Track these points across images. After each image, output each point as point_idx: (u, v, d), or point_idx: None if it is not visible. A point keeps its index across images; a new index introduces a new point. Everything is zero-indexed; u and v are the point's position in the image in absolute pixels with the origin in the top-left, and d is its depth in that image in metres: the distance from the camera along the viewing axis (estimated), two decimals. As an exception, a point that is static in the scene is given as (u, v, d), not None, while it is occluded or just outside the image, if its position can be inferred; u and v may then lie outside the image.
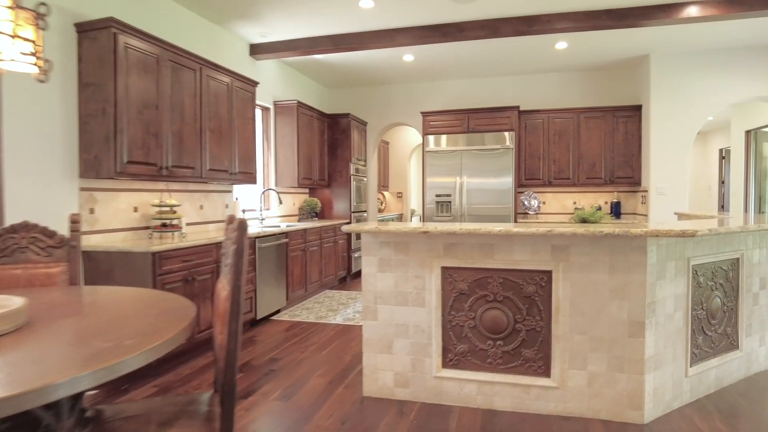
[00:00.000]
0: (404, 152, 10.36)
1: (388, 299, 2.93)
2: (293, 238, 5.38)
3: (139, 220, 4.01)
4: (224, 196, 5.14)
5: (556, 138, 6.78)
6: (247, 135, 4.98)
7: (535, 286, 2.72)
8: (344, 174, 7.09)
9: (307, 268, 5.71)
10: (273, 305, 4.94)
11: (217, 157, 4.49)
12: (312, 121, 6.59)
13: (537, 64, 6.65)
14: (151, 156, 3.69)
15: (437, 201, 6.76)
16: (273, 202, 6.23)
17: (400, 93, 7.69)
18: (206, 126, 4.33)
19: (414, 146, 10.28)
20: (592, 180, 6.69)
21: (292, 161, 6.18)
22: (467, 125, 6.70)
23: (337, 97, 7.99)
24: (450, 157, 6.71)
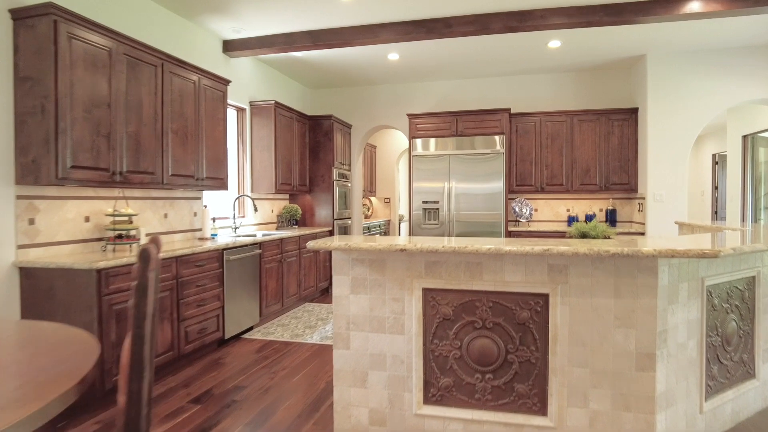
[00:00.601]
0: (392, 156, 10.01)
1: (362, 325, 2.57)
2: (268, 248, 4.99)
3: (92, 231, 3.61)
4: (192, 204, 4.75)
5: (549, 142, 6.47)
6: (216, 137, 4.60)
7: (529, 312, 2.37)
8: (327, 179, 6.72)
9: (283, 281, 5.32)
10: (244, 322, 4.55)
11: (182, 162, 4.10)
12: (291, 123, 6.22)
13: (529, 64, 6.33)
14: (102, 160, 3.29)
15: (424, 208, 6.41)
16: (249, 209, 5.85)
17: (386, 94, 7.35)
18: (168, 127, 3.95)
19: (402, 150, 9.94)
20: (586, 186, 6.38)
21: (269, 165, 5.80)
22: (456, 128, 6.36)
23: (320, 98, 7.63)
24: (438, 161, 6.36)
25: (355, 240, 2.50)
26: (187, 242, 4.33)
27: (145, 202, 4.13)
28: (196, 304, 3.82)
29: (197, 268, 3.84)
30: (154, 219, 4.22)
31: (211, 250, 3.99)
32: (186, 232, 4.65)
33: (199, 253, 3.84)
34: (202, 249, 3.87)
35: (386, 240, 2.50)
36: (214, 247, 4.01)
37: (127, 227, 3.61)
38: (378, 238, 2.59)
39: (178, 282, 3.62)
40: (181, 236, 4.57)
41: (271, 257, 5.06)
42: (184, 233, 4.62)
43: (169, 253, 3.51)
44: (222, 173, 4.68)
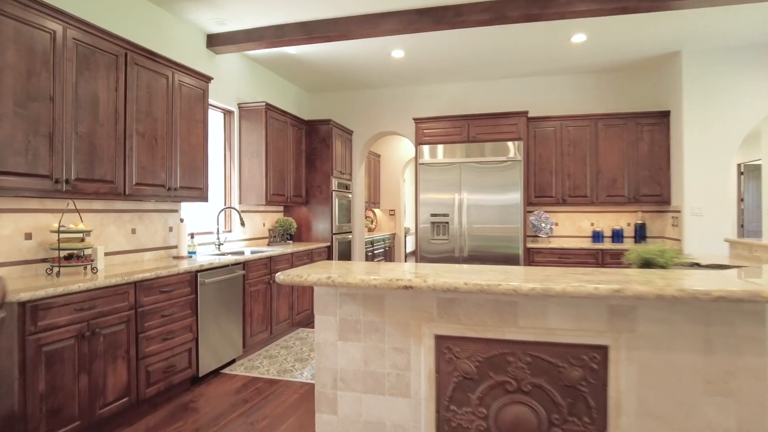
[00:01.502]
0: (397, 166, 9.40)
1: (353, 383, 1.93)
2: (253, 268, 4.36)
3: (35, 251, 3.00)
4: (167, 217, 4.14)
5: (571, 149, 5.83)
6: (194, 142, 4.00)
7: (581, 370, 1.73)
8: (325, 189, 6.11)
9: (272, 305, 4.69)
10: (224, 355, 3.91)
11: (149, 169, 3.50)
12: (285, 128, 5.63)
13: (548, 63, 5.72)
14: (41, 165, 2.69)
15: (433, 221, 5.77)
16: (236, 223, 5.23)
17: (390, 98, 6.75)
18: (133, 129, 3.35)
19: (408, 159, 9.34)
20: (612, 198, 5.73)
21: (259, 174, 5.20)
22: (467, 134, 5.75)
23: (318, 102, 7.05)
24: (447, 170, 5.74)
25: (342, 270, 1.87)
26: (160, 261, 3.72)
27: (107, 216, 3.53)
28: (161, 337, 3.19)
29: (163, 294, 3.22)
30: (118, 235, 3.62)
31: (180, 272, 3.36)
32: (159, 249, 4.03)
33: (165, 277, 3.22)
34: (169, 272, 3.25)
35: (385, 271, 1.87)
36: (184, 269, 3.39)
37: (79, 246, 2.99)
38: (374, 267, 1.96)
39: (137, 312, 2.99)
40: (152, 255, 3.96)
41: (258, 278, 4.43)
42: (156, 251, 4.01)
43: (125, 277, 2.89)
44: (200, 182, 4.07)
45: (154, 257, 3.98)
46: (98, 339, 2.71)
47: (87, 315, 2.64)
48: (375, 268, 1.93)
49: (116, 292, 2.83)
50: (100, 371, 2.73)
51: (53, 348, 2.45)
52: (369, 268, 1.93)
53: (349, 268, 1.94)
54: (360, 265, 2.05)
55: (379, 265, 2.02)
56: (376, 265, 2.02)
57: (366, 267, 1.97)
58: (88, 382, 2.65)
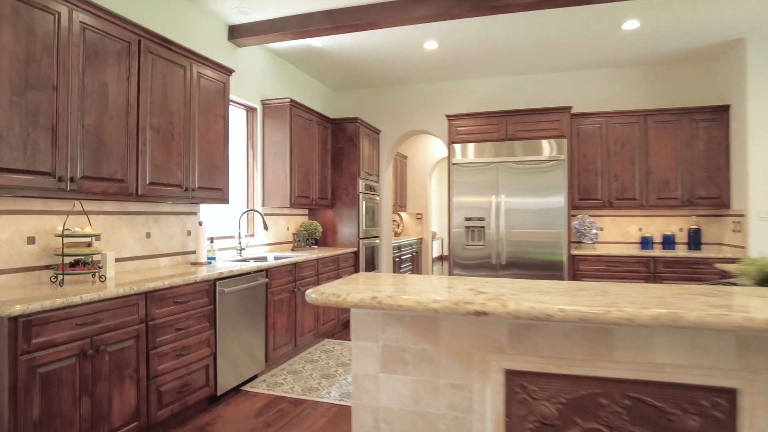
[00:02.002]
0: (425, 167, 9.02)
1: (399, 425, 1.56)
2: (277, 276, 4.03)
3: (39, 257, 2.72)
4: (185, 220, 3.85)
5: (618, 148, 5.37)
6: (213, 138, 3.70)
7: (700, 420, 1.32)
8: (351, 191, 5.77)
9: (297, 315, 4.35)
10: (245, 371, 3.58)
11: (164, 167, 3.20)
12: (310, 126, 5.31)
13: (593, 55, 5.28)
14: (42, 161, 2.41)
15: (467, 225, 5.37)
16: (259, 226, 4.93)
17: (420, 94, 6.38)
18: (146, 123, 3.06)
19: (437, 160, 8.95)
20: (663, 201, 5.24)
21: (283, 175, 4.89)
22: (505, 131, 5.34)
23: (344, 100, 6.73)
24: (483, 170, 5.34)
25: (388, 287, 1.50)
26: (176, 268, 3.41)
27: (118, 218, 3.24)
28: (174, 353, 2.87)
29: (178, 305, 2.90)
30: (131, 239, 3.33)
31: (197, 281, 3.05)
32: (175, 255, 3.74)
33: (179, 286, 2.91)
34: (184, 281, 2.93)
35: (443, 288, 1.50)
36: (201, 278, 3.07)
37: (85, 252, 2.70)
38: (425, 283, 1.59)
39: (149, 326, 2.68)
40: (168, 261, 3.66)
41: (281, 287, 4.10)
42: (173, 257, 3.71)
43: (135, 287, 2.58)
44: (220, 182, 3.77)
45: (171, 263, 3.69)
46: (103, 357, 2.39)
47: (90, 330, 2.33)
48: (426, 283, 1.56)
49: (124, 304, 2.52)
50: (105, 393, 2.41)
51: (50, 369, 2.14)
52: (418, 283, 1.56)
53: (396, 283, 1.57)
54: (406, 279, 1.68)
55: (429, 279, 1.65)
56: (426, 280, 1.66)
57: (414, 282, 1.60)
58: (91, 407, 2.34)
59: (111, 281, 2.75)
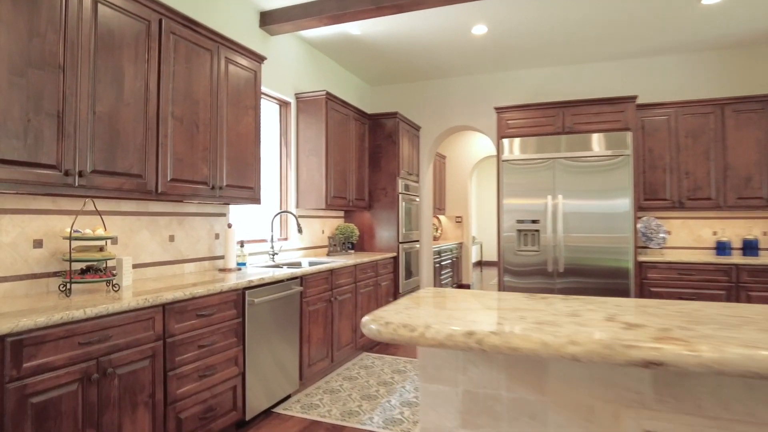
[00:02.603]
0: (465, 167, 8.54)
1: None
2: (312, 283, 3.64)
3: (47, 262, 2.40)
4: (212, 222, 3.51)
5: (689, 141, 4.77)
6: (243, 131, 3.35)
7: None
8: (390, 192, 5.35)
9: (333, 327, 3.95)
10: (277, 391, 3.20)
11: (188, 162, 2.85)
12: (347, 122, 4.92)
13: (664, 38, 4.71)
14: (46, 151, 2.08)
15: (520, 229, 4.87)
16: (292, 229, 4.56)
17: (465, 87, 5.92)
18: (168, 112, 2.72)
19: (478, 160, 8.45)
20: (745, 201, 4.62)
21: (318, 174, 4.51)
22: (561, 124, 4.82)
23: (381, 96, 6.33)
24: (537, 168, 4.83)
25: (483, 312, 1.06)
26: (203, 275, 3.06)
27: (138, 220, 2.91)
28: (197, 374, 2.50)
29: (201, 318, 2.53)
30: (152, 243, 2.99)
31: (224, 291, 2.67)
32: (202, 260, 3.40)
33: (202, 297, 2.54)
34: (208, 291, 2.56)
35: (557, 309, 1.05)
36: (228, 287, 2.70)
37: (96, 257, 2.36)
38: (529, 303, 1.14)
39: (167, 343, 2.32)
40: (194, 267, 3.32)
41: (317, 295, 3.71)
42: (199, 262, 3.37)
43: (151, 298, 2.22)
44: (251, 180, 3.41)
45: (197, 270, 3.34)
46: (111, 381, 2.04)
47: (96, 350, 1.97)
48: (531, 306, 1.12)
49: (137, 318, 2.16)
50: (113, 424, 2.05)
51: (46, 398, 1.78)
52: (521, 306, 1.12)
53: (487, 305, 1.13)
54: (497, 300, 1.24)
55: (530, 301, 1.21)
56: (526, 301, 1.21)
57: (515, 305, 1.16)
58: (97, 441, 1.98)
59: (127, 290, 2.41)
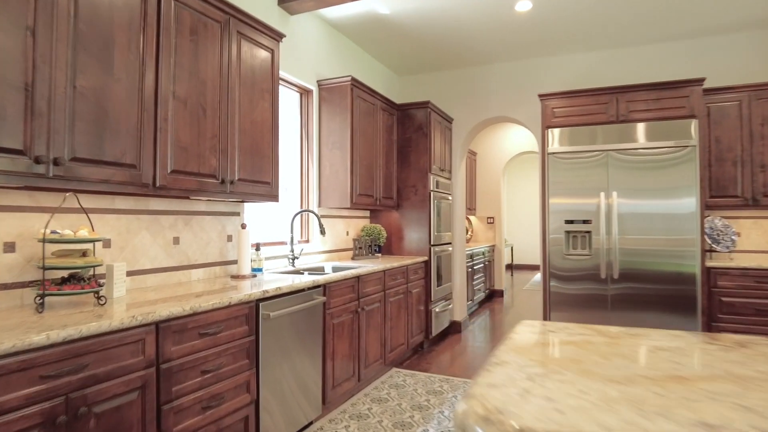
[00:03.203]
0: (497, 165, 8.00)
1: None
2: (336, 292, 3.18)
3: (22, 269, 1.99)
4: (224, 222, 3.08)
5: (765, 130, 4.17)
6: (258, 119, 2.92)
7: None
8: (421, 190, 4.87)
9: (360, 341, 3.49)
10: (297, 417, 2.74)
11: (193, 151, 2.43)
12: (374, 112, 4.46)
13: (733, 12, 4.13)
14: (10, 133, 1.66)
15: (568, 230, 4.34)
16: (314, 230, 4.12)
17: (503, 74, 5.40)
18: (169, 91, 2.30)
19: (511, 156, 7.90)
20: (832, 197, 4.00)
21: (342, 169, 4.06)
22: (616, 111, 4.28)
23: (410, 86, 5.86)
24: (588, 162, 4.29)
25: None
26: (213, 282, 2.64)
27: (137, 219, 2.50)
28: (200, 406, 2.07)
29: (205, 338, 2.10)
30: (153, 246, 2.58)
31: (233, 304, 2.23)
32: (212, 266, 2.97)
33: (205, 312, 2.10)
34: (213, 305, 2.12)
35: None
36: (238, 299, 2.26)
37: (77, 263, 1.94)
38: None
39: (160, 371, 1.88)
40: (203, 273, 2.90)
41: (342, 306, 3.25)
42: (209, 268, 2.95)
43: (139, 315, 1.78)
44: (267, 174, 2.97)
45: (206, 276, 2.92)
46: (85, 424, 1.60)
47: (65, 384, 1.54)
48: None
49: (123, 341, 1.73)
50: (91, 477, 1.62)
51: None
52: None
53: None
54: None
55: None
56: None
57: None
58: (67, 500, 1.55)
59: (119, 303, 1.99)
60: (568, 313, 4.31)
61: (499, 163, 7.98)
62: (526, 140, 7.81)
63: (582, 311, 4.26)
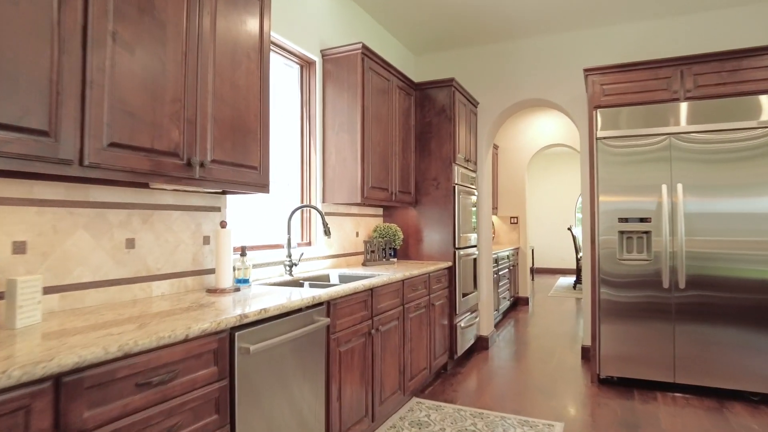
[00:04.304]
0: (521, 160, 7.27)
1: None
2: (344, 310, 2.47)
3: None
4: (199, 219, 2.39)
5: None
6: (242, 83, 2.22)
7: None
8: (444, 183, 4.16)
9: (374, 370, 2.77)
10: (290, 482, 2.04)
11: (144, 118, 1.73)
12: (389, 90, 3.76)
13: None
14: None
15: (622, 230, 3.61)
16: (317, 231, 3.43)
17: (537, 51, 4.66)
18: (104, 30, 1.60)
19: (537, 150, 7.16)
20: None
21: (351, 156, 3.36)
22: (681, 86, 3.55)
23: (429, 66, 5.15)
24: (646, 149, 3.57)
25: None
26: (180, 300, 1.94)
27: (71, 214, 1.81)
28: (139, 493, 1.36)
29: (146, 391, 1.39)
30: (95, 251, 1.88)
31: (190, 338, 1.52)
32: (182, 276, 2.28)
33: (146, 352, 1.40)
34: (158, 339, 1.41)
35: None
36: (200, 330, 1.54)
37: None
38: None
39: (69, 449, 1.18)
40: (168, 286, 2.20)
41: (352, 327, 2.54)
42: (178, 280, 2.25)
43: (33, 360, 1.09)
44: (254, 156, 2.27)
45: (173, 291, 2.23)
46: None
47: None
48: None
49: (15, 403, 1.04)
50: None
51: None
52: None
53: None
54: None
55: None
56: None
57: None
58: None
59: (22, 338, 1.29)
60: (622, 326, 3.59)
61: (523, 158, 7.24)
62: (552, 131, 7.07)
63: (638, 322, 3.54)
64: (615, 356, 3.61)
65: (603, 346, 3.66)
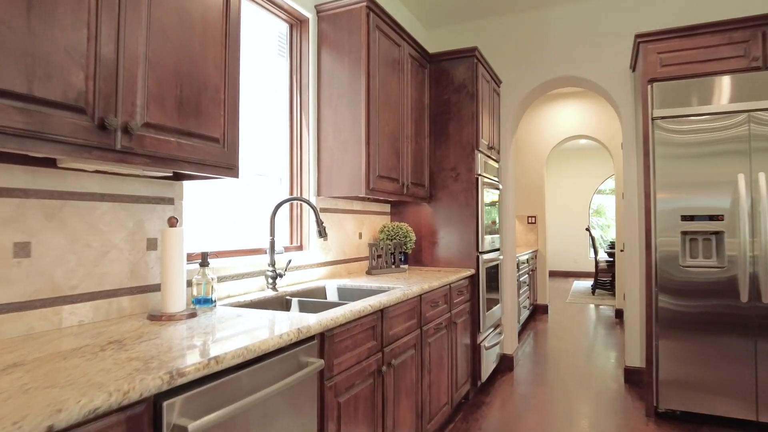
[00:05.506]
0: (539, 154, 6.59)
1: None
2: (343, 344, 1.77)
3: None
4: (141, 215, 1.69)
5: None
6: (197, 15, 1.52)
7: None
8: (464, 174, 3.46)
9: (385, 419, 2.07)
10: None
11: (24, 48, 1.03)
12: (400, 59, 3.07)
13: None
14: None
15: (686, 230, 2.93)
16: (309, 232, 2.73)
17: (569, 20, 3.96)
18: None
19: (556, 143, 6.48)
20: None
21: (354, 138, 2.67)
22: (762, 53, 2.86)
23: (442, 40, 4.45)
24: (717, 131, 2.89)
25: None
26: (99, 335, 1.26)
27: None
28: None
29: None
30: (-47, 263, 1.19)
31: (72, 425, 0.83)
32: (113, 296, 1.58)
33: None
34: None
35: None
36: (91, 409, 0.85)
37: None
38: None
39: None
40: (92, 311, 1.51)
41: (355, 367, 1.84)
42: (108, 300, 1.56)
43: None
44: (215, 124, 1.58)
45: (99, 318, 1.53)
46: None
47: None
48: None
49: None
50: None
51: None
52: None
53: None
54: None
55: None
56: None
57: None
58: None
59: None
60: (686, 342, 2.91)
61: (541, 152, 6.56)
62: (574, 122, 6.39)
63: (707, 337, 2.86)
64: (677, 382, 2.93)
65: (662, 370, 2.97)
